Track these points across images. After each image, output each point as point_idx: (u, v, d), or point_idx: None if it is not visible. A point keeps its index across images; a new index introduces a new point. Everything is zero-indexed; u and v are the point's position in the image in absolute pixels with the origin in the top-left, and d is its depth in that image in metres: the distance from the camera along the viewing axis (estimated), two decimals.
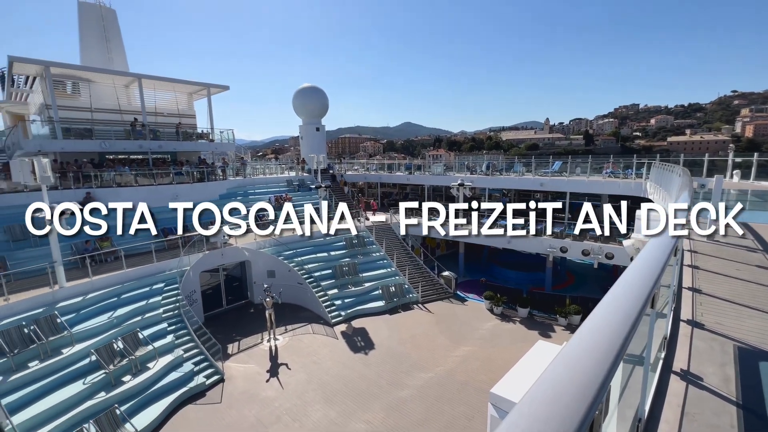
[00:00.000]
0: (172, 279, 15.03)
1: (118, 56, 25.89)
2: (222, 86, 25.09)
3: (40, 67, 18.48)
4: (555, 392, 0.92)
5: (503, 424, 0.81)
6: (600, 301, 1.43)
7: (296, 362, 13.63)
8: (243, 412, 10.96)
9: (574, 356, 1.05)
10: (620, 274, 8.40)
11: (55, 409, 9.53)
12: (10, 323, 10.67)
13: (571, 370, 1.00)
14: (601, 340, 1.13)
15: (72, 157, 19.69)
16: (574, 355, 1.06)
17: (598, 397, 0.92)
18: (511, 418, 0.82)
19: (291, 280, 18.01)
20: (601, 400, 0.94)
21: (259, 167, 30.62)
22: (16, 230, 14.87)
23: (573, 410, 0.84)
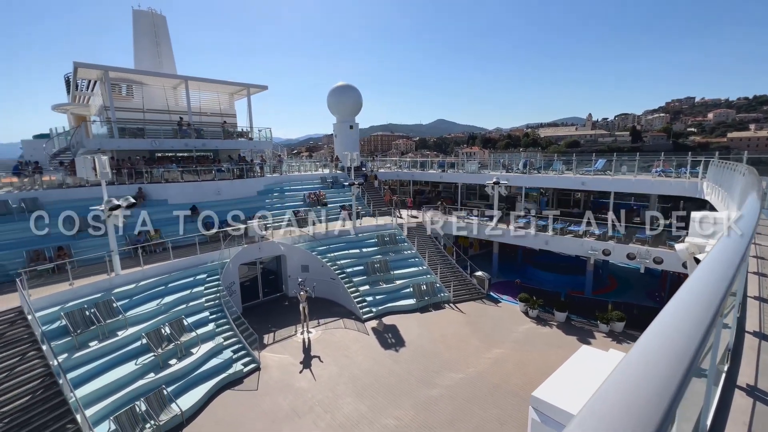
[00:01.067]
0: (213, 270, 15.84)
1: (167, 59, 27.57)
2: (261, 86, 26.00)
3: (100, 71, 20.05)
4: (621, 405, 0.86)
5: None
6: (665, 308, 1.33)
7: (328, 355, 13.93)
8: (278, 401, 11.37)
9: (641, 366, 0.98)
10: (670, 280, 8.00)
11: (112, 386, 10.39)
12: (74, 306, 11.73)
13: (639, 381, 0.93)
14: (670, 351, 1.04)
15: (126, 155, 21.26)
16: (641, 366, 0.99)
17: (670, 411, 0.86)
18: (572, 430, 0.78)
19: (324, 275, 18.40)
20: (673, 415, 0.87)
21: (295, 165, 31.49)
22: (79, 221, 16.27)
23: (644, 426, 0.79)
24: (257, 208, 22.33)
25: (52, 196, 17.14)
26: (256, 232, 17.93)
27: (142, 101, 23.53)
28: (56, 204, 16.82)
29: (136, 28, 26.50)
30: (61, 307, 11.57)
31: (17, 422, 8.77)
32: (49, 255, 14.45)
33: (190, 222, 19.38)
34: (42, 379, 9.71)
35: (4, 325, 10.47)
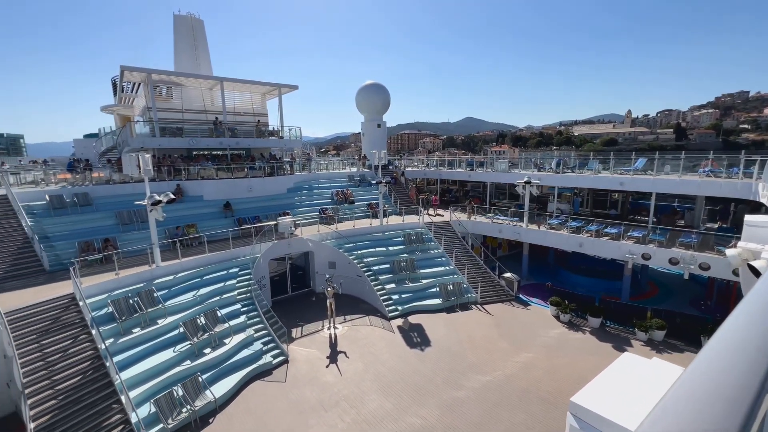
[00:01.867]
0: (245, 264, 16.41)
1: (204, 62, 28.77)
2: (291, 86, 26.58)
3: (143, 74, 21.21)
4: (688, 422, 0.81)
5: None
6: (731, 314, 1.23)
7: (354, 351, 14.08)
8: (305, 393, 11.64)
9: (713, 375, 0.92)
10: (718, 288, 7.52)
11: (152, 371, 11.01)
12: (119, 294, 12.53)
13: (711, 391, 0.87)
14: (743, 362, 0.97)
15: (166, 153, 22.40)
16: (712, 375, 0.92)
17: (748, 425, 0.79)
18: None
19: (350, 272, 18.60)
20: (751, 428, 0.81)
21: (323, 163, 31.99)
22: (124, 215, 17.38)
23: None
24: (287, 205, 22.92)
25: (100, 191, 18.36)
26: (285, 228, 18.39)
27: (181, 102, 24.71)
28: (104, 198, 18.02)
29: (176, 32, 27.84)
30: (108, 295, 12.39)
31: (70, 399, 9.51)
32: (98, 246, 15.49)
33: (223, 217, 20.20)
34: (91, 361, 10.46)
35: (59, 309, 11.35)
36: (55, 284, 12.66)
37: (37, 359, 9.98)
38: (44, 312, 11.11)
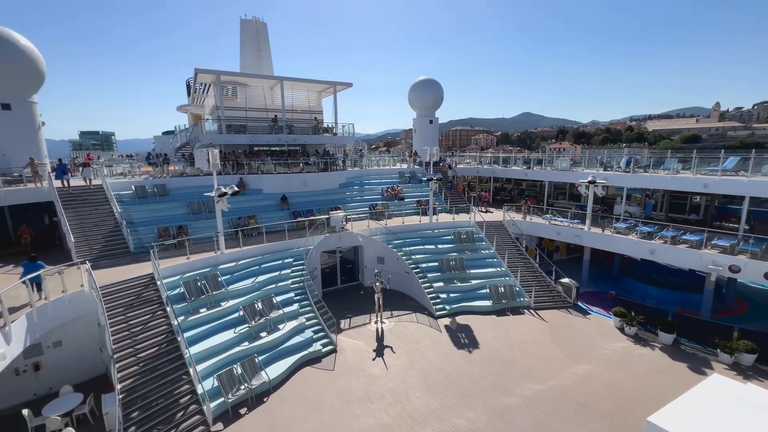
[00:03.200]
0: (299, 255, 17.19)
1: (266, 62, 30.45)
2: (346, 83, 27.18)
3: (214, 75, 22.98)
4: None
5: None
6: None
7: (400, 347, 14.15)
8: (352, 383, 11.94)
9: None
10: None
11: (215, 348, 11.99)
12: (189, 276, 13.79)
13: None
14: None
15: (230, 149, 24.13)
16: None
17: None
18: None
19: (399, 268, 18.67)
20: None
21: (374, 159, 32.38)
22: (194, 205, 19.06)
23: None
24: (338, 200, 23.57)
25: (175, 183, 20.30)
26: (337, 222, 18.93)
27: (245, 101, 26.44)
28: (178, 190, 19.91)
29: (242, 35, 29.77)
30: (180, 277, 13.70)
31: (149, 367, 10.69)
32: (173, 232, 17.17)
33: (280, 210, 21.31)
34: (166, 335, 11.65)
35: (141, 287, 12.78)
36: (137, 264, 14.26)
37: (123, 329, 11.35)
38: (129, 288, 12.59)
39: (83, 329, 12.13)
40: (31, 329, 9.94)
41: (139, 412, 9.73)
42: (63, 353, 12.06)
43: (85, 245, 15.19)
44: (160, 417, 9.80)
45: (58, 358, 12.00)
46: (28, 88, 20.08)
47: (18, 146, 19.67)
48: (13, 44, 19.05)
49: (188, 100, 34.00)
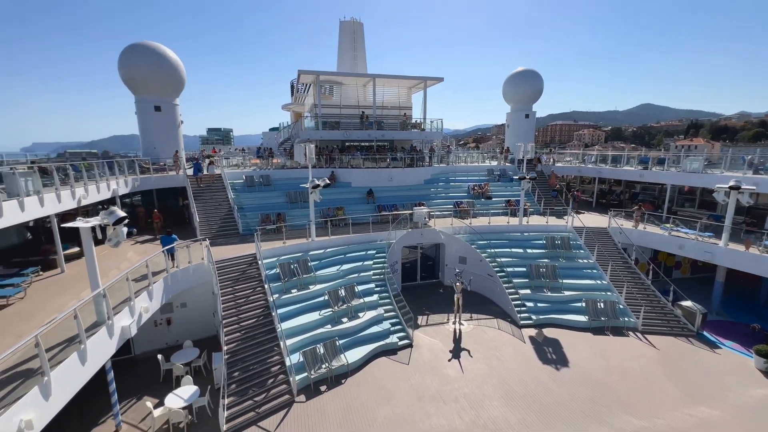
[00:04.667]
0: (381, 248, 17.66)
1: (360, 61, 31.78)
2: (437, 78, 26.78)
3: (313, 76, 24.80)
4: None
5: None
6: None
7: (478, 351, 13.56)
8: (425, 380, 11.86)
9: None
10: None
11: (302, 327, 13.08)
12: (284, 259, 15.26)
13: None
14: None
15: (325, 144, 25.87)
16: None
17: None
18: None
19: (481, 270, 17.86)
20: None
21: (461, 155, 31.43)
22: (292, 195, 20.98)
23: None
24: (423, 195, 23.51)
25: (277, 174, 22.60)
26: (420, 218, 18.90)
27: (340, 98, 28.02)
28: (280, 180, 22.12)
29: (341, 36, 31.52)
30: (276, 259, 15.25)
31: (248, 335, 12.19)
32: (273, 218, 19.18)
33: (366, 203, 22.14)
34: (263, 309, 13.12)
35: (245, 265, 14.60)
36: (244, 245, 16.30)
37: (230, 300, 13.12)
38: (237, 265, 14.48)
39: (202, 295, 14.36)
40: (166, 290, 12.15)
41: (239, 372, 11.17)
42: (187, 313, 14.46)
43: (206, 225, 17.94)
44: (254, 380, 11.11)
45: (183, 317, 14.43)
46: (173, 92, 24.40)
47: (165, 141, 24.14)
48: (164, 57, 23.31)
49: (291, 99, 37.50)
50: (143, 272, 11.30)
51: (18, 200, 10.98)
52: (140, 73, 22.85)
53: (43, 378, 6.85)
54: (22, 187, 11.17)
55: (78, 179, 14.52)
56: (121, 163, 18.54)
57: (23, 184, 11.26)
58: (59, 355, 7.56)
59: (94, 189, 15.38)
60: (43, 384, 6.84)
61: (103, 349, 8.85)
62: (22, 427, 6.26)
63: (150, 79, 23.06)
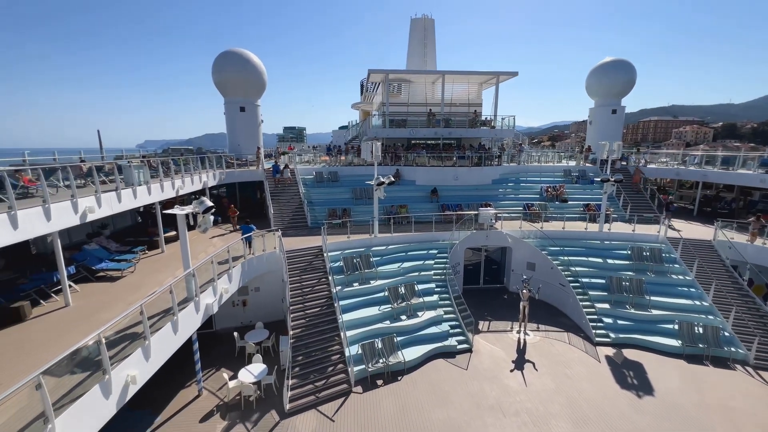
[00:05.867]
0: (443, 248, 17.32)
1: (430, 58, 31.44)
2: (510, 73, 25.38)
3: (383, 74, 25.13)
4: None
5: None
6: None
7: (544, 365, 12.60)
8: (484, 388, 11.37)
9: None
10: None
11: (362, 320, 13.41)
12: (348, 253, 15.77)
13: None
14: None
15: (391, 142, 26.12)
16: None
17: None
18: None
19: (552, 278, 16.56)
20: None
21: (534, 154, 29.41)
22: (357, 191, 21.59)
23: None
24: (490, 196, 22.52)
25: (344, 171, 23.43)
26: (486, 219, 18.13)
27: (408, 96, 28.03)
28: (346, 177, 22.91)
29: (411, 33, 31.51)
30: (341, 252, 15.82)
31: (312, 323, 12.87)
32: (339, 213, 19.94)
33: (429, 202, 21.89)
34: (326, 299, 13.73)
35: (312, 256, 15.41)
36: (312, 237, 17.20)
37: (297, 288, 13.96)
38: (304, 256, 15.34)
39: (273, 282, 15.49)
40: (243, 275, 13.35)
41: (302, 357, 11.85)
42: (259, 297, 15.72)
43: (280, 217, 19.30)
44: (315, 366, 11.68)
45: (256, 300, 15.72)
46: (256, 94, 26.64)
47: (248, 139, 26.50)
48: (249, 61, 25.53)
49: (361, 98, 38.55)
50: (225, 257, 12.55)
51: (132, 189, 12.91)
52: (229, 78, 25.36)
53: (144, 341, 7.97)
54: (135, 178, 13.12)
55: (177, 172, 16.60)
56: (211, 158, 20.78)
57: (136, 176, 13.22)
58: (157, 324, 8.73)
59: (189, 181, 17.46)
60: (145, 346, 7.96)
61: (190, 321, 10.02)
62: (128, 380, 7.37)
63: (237, 83, 25.47)
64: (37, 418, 5.56)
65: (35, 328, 9.26)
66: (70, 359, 6.41)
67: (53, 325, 9.34)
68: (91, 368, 6.80)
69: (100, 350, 6.75)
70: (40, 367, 5.55)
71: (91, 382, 6.60)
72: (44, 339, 8.67)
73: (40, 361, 5.93)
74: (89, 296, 11.08)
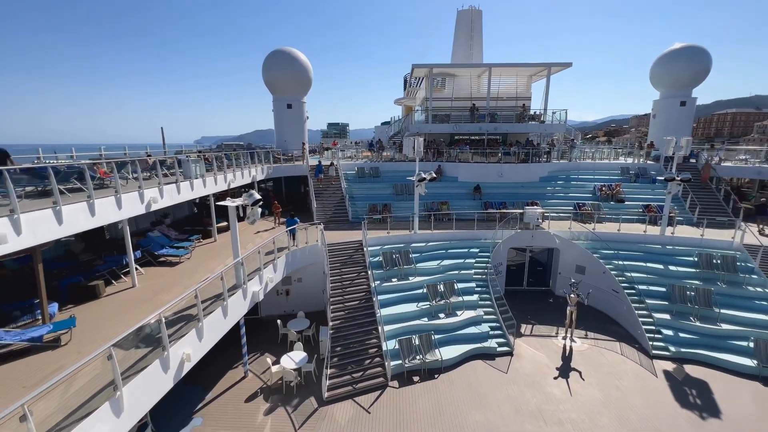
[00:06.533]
0: (485, 247, 16.83)
1: (477, 51, 30.48)
2: (563, 64, 23.91)
3: (427, 69, 24.77)
4: None
5: None
6: None
7: (591, 375, 11.84)
8: (525, 394, 10.93)
9: None
10: None
11: (399, 316, 13.43)
12: (388, 248, 15.85)
13: None
14: None
15: (433, 137, 25.74)
16: None
17: None
18: None
19: (603, 283, 15.48)
20: None
21: (588, 150, 27.52)
22: (398, 187, 21.58)
23: None
24: (537, 194, 21.50)
25: (386, 166, 23.50)
26: (532, 219, 17.32)
27: (452, 91, 27.42)
28: (388, 173, 22.97)
29: (457, 25, 30.72)
30: (380, 247, 15.93)
31: (350, 315, 13.13)
32: (379, 209, 20.08)
33: (472, 199, 21.33)
34: (365, 293, 13.93)
35: (352, 250, 15.68)
36: (352, 231, 17.47)
37: (337, 281, 14.29)
38: (345, 250, 15.65)
39: (314, 274, 15.99)
40: (287, 265, 13.91)
41: (341, 348, 12.14)
42: (301, 288, 16.31)
43: (322, 211, 19.83)
44: (353, 357, 11.92)
45: (299, 290, 16.32)
46: (303, 91, 27.47)
47: (294, 135, 27.47)
48: (296, 59, 26.35)
49: (404, 93, 38.36)
50: (270, 248, 13.15)
51: (190, 181, 13.91)
52: (277, 76, 26.35)
53: (198, 323, 8.60)
54: (193, 171, 14.11)
55: (229, 166, 17.62)
56: (259, 153, 21.81)
57: (194, 169, 14.22)
58: (209, 307, 9.36)
59: (240, 175, 18.46)
60: (198, 328, 8.58)
61: (238, 307, 10.64)
62: (183, 358, 7.99)
63: (285, 80, 26.41)
64: (108, 385, 6.21)
65: (108, 304, 10.35)
66: (136, 335, 7.07)
67: (122, 303, 10.36)
68: (153, 344, 7.46)
69: (160, 328, 7.38)
70: (110, 340, 6.19)
71: (153, 357, 7.24)
72: (115, 315, 9.65)
73: (111, 335, 6.61)
74: (152, 278, 12.16)
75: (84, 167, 9.55)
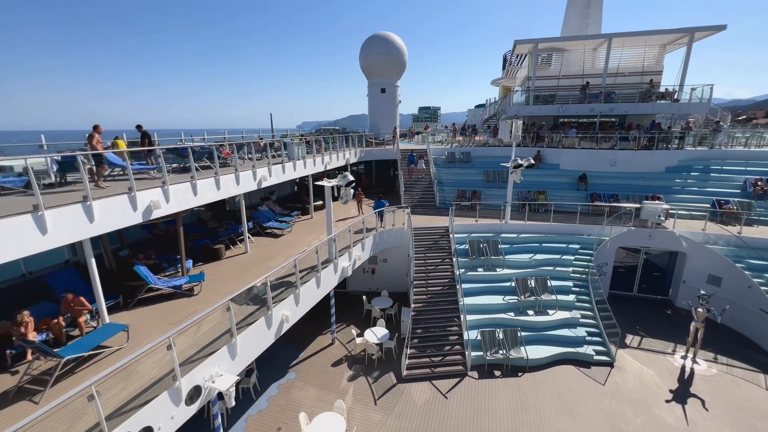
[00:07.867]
0: (588, 244, 15.05)
1: (594, 21, 26.54)
2: (713, 27, 19.40)
3: (531, 45, 22.58)
4: None
5: None
6: None
7: (719, 407, 9.85)
8: (626, 412, 9.65)
9: None
10: None
11: (483, 307, 12.97)
12: (475, 237, 15.30)
13: None
14: None
15: (534, 120, 23.57)
16: None
17: None
18: None
19: (746, 300, 12.56)
20: None
21: (739, 135, 22.13)
22: (490, 173, 20.49)
23: None
24: (660, 187, 18.29)
25: (478, 152, 22.46)
26: (651, 215, 14.82)
27: (560, 68, 24.56)
28: (479, 158, 21.96)
29: None
30: (467, 235, 15.46)
31: (433, 300, 13.16)
32: (468, 195, 19.40)
33: (575, 190, 19.14)
34: (449, 279, 13.76)
35: (438, 236, 15.54)
36: (438, 217, 17.29)
37: (421, 265, 14.37)
38: (430, 235, 15.60)
39: (399, 256, 16.35)
40: (374, 245, 14.48)
41: (421, 330, 12.30)
42: (387, 268, 16.86)
43: (409, 195, 20.00)
44: (433, 342, 11.98)
45: (384, 270, 16.91)
46: (397, 75, 27.67)
47: (386, 119, 28.04)
48: (392, 43, 26.52)
49: (502, 73, 35.76)
50: (360, 227, 13.82)
51: (293, 162, 15.31)
52: (374, 60, 26.97)
53: (296, 290, 9.57)
54: (296, 153, 15.49)
55: (326, 149, 18.86)
56: (353, 137, 22.83)
57: (297, 151, 15.59)
58: (305, 277, 10.34)
59: (335, 157, 19.64)
60: (296, 294, 9.57)
61: (330, 279, 11.51)
62: (283, 318, 9.03)
63: (381, 64, 26.92)
64: (225, 333, 7.37)
65: (227, 265, 12.21)
66: (247, 294, 8.22)
67: (237, 265, 12.13)
68: (259, 303, 8.58)
69: (266, 291, 8.42)
70: (228, 295, 7.29)
71: (259, 315, 8.33)
72: (232, 275, 11.35)
73: (229, 291, 7.80)
74: (260, 247, 13.93)
75: (213, 148, 11.24)
